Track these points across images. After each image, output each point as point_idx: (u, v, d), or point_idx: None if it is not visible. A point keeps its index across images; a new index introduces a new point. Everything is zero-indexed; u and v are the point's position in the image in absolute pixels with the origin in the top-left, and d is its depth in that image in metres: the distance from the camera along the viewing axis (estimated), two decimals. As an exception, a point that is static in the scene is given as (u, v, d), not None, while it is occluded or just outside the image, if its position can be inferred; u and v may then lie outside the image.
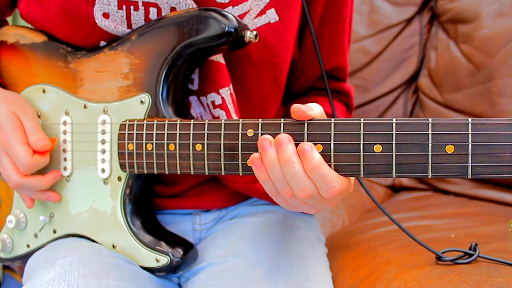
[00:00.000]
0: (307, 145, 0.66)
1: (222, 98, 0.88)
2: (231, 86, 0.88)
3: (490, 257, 0.82)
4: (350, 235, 1.17)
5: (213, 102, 0.88)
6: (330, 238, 1.16)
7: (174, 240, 0.87)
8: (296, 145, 0.68)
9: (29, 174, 0.87)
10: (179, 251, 0.85)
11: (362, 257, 0.96)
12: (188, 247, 0.87)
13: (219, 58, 0.87)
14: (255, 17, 0.87)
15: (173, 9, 0.85)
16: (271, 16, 0.88)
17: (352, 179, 0.72)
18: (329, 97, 1.02)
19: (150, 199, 0.92)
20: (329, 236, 1.21)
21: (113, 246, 0.87)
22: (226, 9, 0.83)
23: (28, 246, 0.96)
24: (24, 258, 0.96)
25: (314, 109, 0.69)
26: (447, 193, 1.51)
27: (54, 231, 0.93)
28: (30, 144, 0.86)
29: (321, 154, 0.67)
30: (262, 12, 0.87)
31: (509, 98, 1.40)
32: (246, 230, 0.95)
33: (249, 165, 0.71)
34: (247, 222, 0.97)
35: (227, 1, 0.85)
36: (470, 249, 0.84)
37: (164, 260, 0.84)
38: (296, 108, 0.67)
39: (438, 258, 0.84)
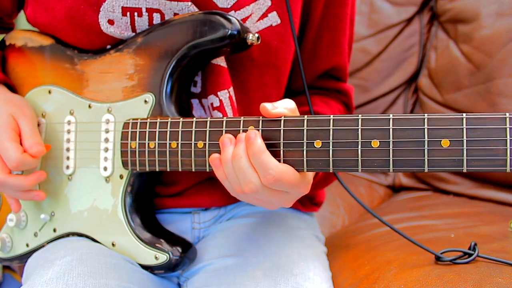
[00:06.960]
0: (252, 133, 0.71)
1: (220, 100, 0.88)
2: (231, 89, 0.89)
3: (489, 257, 0.82)
4: (350, 235, 1.17)
5: (211, 104, 0.89)
6: (330, 238, 1.15)
7: (173, 239, 0.88)
8: (292, 140, 0.71)
9: (16, 170, 0.87)
10: (178, 249, 0.85)
11: (362, 257, 0.96)
12: (187, 246, 0.87)
13: (220, 61, 0.88)
14: (257, 21, 0.88)
15: (176, 15, 0.86)
16: (273, 19, 0.89)
17: (310, 177, 0.74)
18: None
19: (150, 198, 0.93)
20: (329, 236, 1.21)
21: (113, 244, 0.87)
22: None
23: (27, 245, 0.96)
24: (23, 258, 0.96)
25: (280, 106, 0.72)
26: (447, 193, 1.51)
27: (54, 230, 0.93)
28: (24, 147, 0.86)
29: (320, 149, 0.70)
30: (264, 15, 0.88)
31: (509, 98, 1.40)
32: (245, 230, 0.95)
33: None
34: (247, 222, 0.97)
35: (229, 6, 0.86)
36: (469, 249, 0.84)
37: (163, 257, 0.84)
38: (261, 107, 0.72)
39: (437, 258, 0.84)
